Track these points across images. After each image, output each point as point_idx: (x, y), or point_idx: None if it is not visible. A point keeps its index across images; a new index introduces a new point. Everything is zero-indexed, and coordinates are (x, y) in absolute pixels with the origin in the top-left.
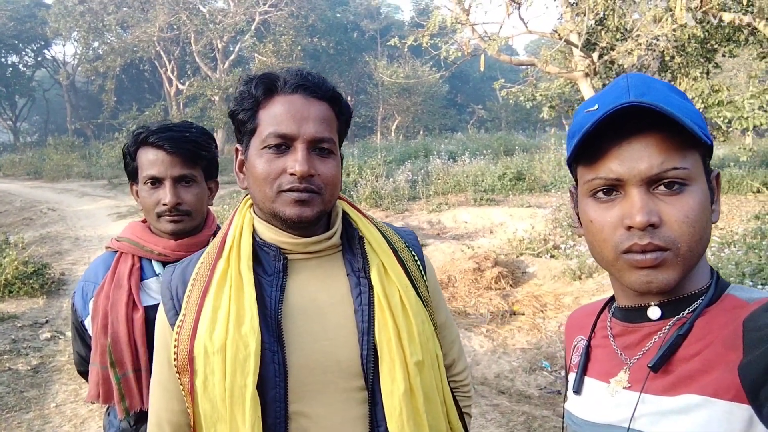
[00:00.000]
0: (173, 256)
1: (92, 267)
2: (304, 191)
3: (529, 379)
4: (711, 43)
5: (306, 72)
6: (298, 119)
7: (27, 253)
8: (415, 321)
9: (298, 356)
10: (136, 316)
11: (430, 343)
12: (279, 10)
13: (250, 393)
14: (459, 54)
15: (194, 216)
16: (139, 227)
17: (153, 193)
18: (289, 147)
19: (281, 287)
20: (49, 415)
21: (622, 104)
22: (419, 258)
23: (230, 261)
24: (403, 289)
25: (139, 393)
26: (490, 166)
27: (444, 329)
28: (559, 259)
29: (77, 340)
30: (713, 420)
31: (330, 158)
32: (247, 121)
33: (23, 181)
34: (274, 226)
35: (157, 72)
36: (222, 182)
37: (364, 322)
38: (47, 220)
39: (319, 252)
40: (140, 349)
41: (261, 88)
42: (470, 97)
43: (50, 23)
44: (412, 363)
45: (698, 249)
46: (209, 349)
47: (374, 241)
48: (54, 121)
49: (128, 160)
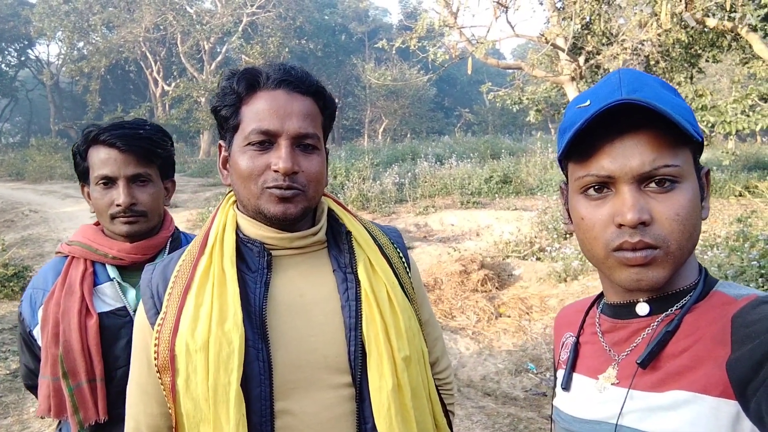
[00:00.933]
0: (129, 260)
1: (41, 273)
2: (288, 188)
3: (514, 381)
4: (695, 49)
5: (289, 66)
6: (281, 115)
7: (7, 255)
8: (402, 317)
9: (283, 353)
10: (90, 323)
11: (416, 339)
12: (267, 12)
13: (234, 391)
14: (446, 57)
15: (150, 217)
16: (91, 230)
17: (106, 193)
18: (272, 143)
19: (265, 283)
20: (27, 420)
21: (614, 101)
22: (404, 255)
23: (213, 257)
24: (390, 285)
25: (94, 404)
26: (476, 169)
27: (428, 326)
28: (544, 262)
29: (25, 352)
30: (701, 416)
31: (314, 154)
32: (229, 117)
33: (5, 182)
34: (258, 222)
35: (142, 73)
36: (208, 184)
37: (352, 317)
38: (29, 222)
39: (305, 248)
40: (95, 358)
41: (243, 83)
42: (458, 101)
43: (34, 22)
44: (400, 358)
45: (688, 246)
46: (191, 347)
47: (361, 238)
48: (37, 122)
49: (78, 160)
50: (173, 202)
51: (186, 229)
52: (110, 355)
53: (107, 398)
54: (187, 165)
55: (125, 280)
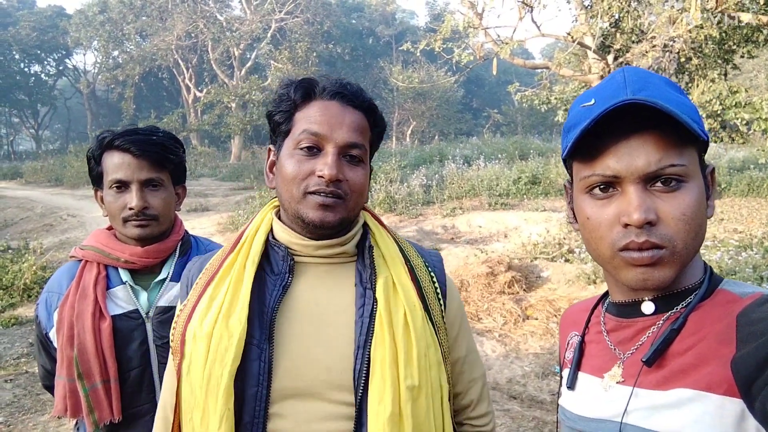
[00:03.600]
0: (140, 263)
1: (55, 277)
2: (330, 195)
3: (541, 384)
4: (729, 44)
5: (345, 81)
6: (332, 124)
7: (45, 259)
8: (417, 343)
9: (286, 358)
10: (104, 326)
11: (433, 371)
12: (295, 17)
13: (224, 384)
14: (471, 58)
15: (161, 221)
16: (104, 234)
17: (119, 197)
18: (320, 150)
19: (284, 287)
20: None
21: (620, 101)
22: (440, 282)
23: (239, 255)
24: (410, 308)
25: (108, 404)
26: (505, 170)
27: (463, 365)
28: (573, 263)
29: (42, 354)
30: (706, 414)
31: (359, 166)
32: (282, 123)
33: (45, 187)
34: (289, 228)
35: (175, 80)
36: (239, 188)
37: (362, 335)
38: (67, 226)
39: (331, 257)
40: (108, 360)
41: (300, 91)
42: (486, 102)
43: (71, 33)
44: (405, 387)
45: (694, 246)
46: (197, 334)
47: (388, 254)
48: (75, 129)
49: (93, 164)
50: (204, 204)
51: (216, 232)
52: (123, 357)
53: (121, 399)
54: (219, 169)
55: (137, 283)
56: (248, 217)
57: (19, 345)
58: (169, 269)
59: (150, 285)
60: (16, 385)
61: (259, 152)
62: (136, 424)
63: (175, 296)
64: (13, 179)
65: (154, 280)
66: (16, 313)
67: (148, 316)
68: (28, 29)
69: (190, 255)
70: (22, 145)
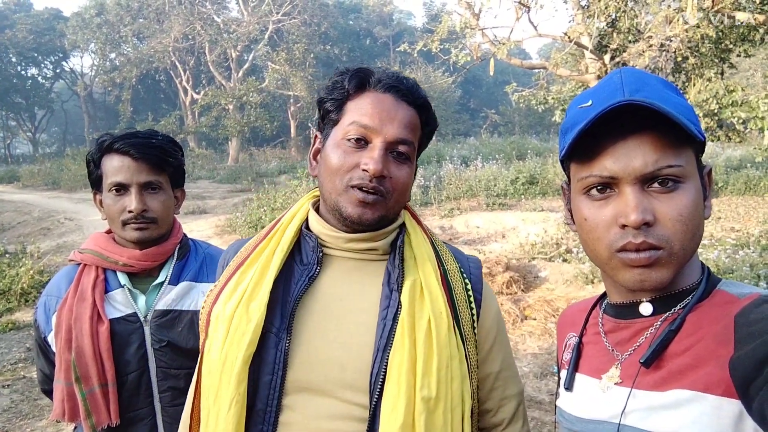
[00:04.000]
0: (139, 266)
1: (54, 280)
2: (372, 191)
3: (540, 384)
4: (725, 43)
5: (402, 75)
6: (383, 118)
7: (42, 263)
8: (439, 353)
9: (302, 350)
10: (101, 329)
11: (455, 384)
12: (292, 19)
13: (238, 367)
14: (469, 58)
15: (160, 224)
16: (102, 238)
17: (118, 200)
18: (368, 143)
19: (310, 278)
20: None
21: (617, 102)
22: (475, 289)
23: (270, 242)
24: (435, 314)
25: (106, 408)
26: (502, 170)
27: (496, 381)
28: (571, 263)
29: (41, 357)
30: (703, 415)
31: (405, 164)
32: (332, 111)
33: (42, 191)
34: (324, 219)
35: (172, 82)
36: (236, 190)
37: (383, 338)
38: (64, 230)
39: (362, 253)
40: (106, 364)
41: (354, 81)
42: (483, 102)
43: (68, 35)
44: (420, 397)
45: (691, 246)
46: (220, 316)
47: (419, 256)
48: (72, 132)
49: (92, 167)
50: (202, 207)
51: (214, 235)
52: (121, 360)
53: (119, 402)
54: (216, 171)
55: (135, 286)
56: (245, 219)
57: (17, 350)
58: (167, 272)
59: (148, 288)
60: (13, 390)
61: (257, 154)
62: (135, 428)
63: (173, 299)
64: (10, 183)
65: (153, 284)
66: (13, 318)
67: (146, 320)
68: (25, 32)
69: (188, 258)
70: (19, 148)
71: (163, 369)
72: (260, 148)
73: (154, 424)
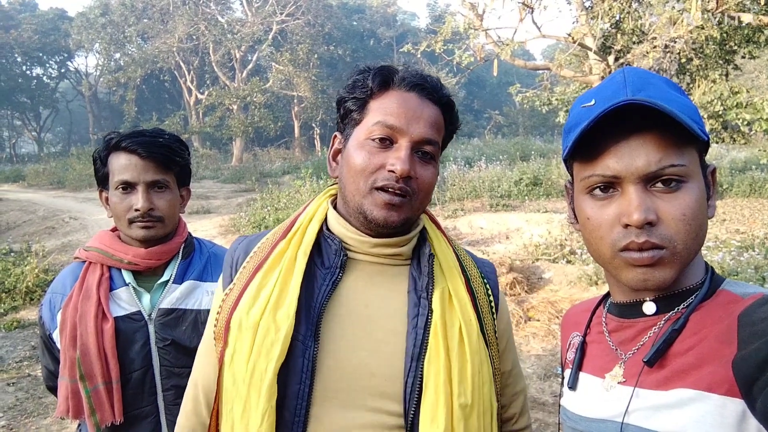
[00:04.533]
0: (144, 265)
1: (59, 278)
2: (398, 192)
3: (543, 386)
4: (730, 45)
5: (426, 73)
6: (409, 117)
7: (47, 261)
8: (472, 359)
9: (330, 357)
10: (106, 327)
11: (485, 388)
12: (296, 19)
13: (268, 380)
14: (472, 59)
15: (166, 223)
16: (108, 236)
17: (125, 198)
18: (393, 143)
19: (334, 283)
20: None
21: (620, 102)
22: (494, 294)
23: (290, 244)
24: (465, 321)
25: (110, 406)
26: (506, 171)
27: (508, 378)
28: (575, 265)
29: (45, 355)
30: (706, 414)
31: (431, 164)
32: (354, 110)
33: (47, 190)
34: (345, 220)
35: (176, 82)
36: (240, 190)
37: (417, 346)
38: (69, 229)
39: (385, 257)
40: (111, 361)
41: (378, 79)
42: (487, 103)
43: (73, 35)
44: (458, 405)
45: (694, 246)
46: (243, 324)
47: (445, 264)
48: (77, 132)
49: (99, 165)
50: (206, 207)
51: (218, 234)
52: (126, 359)
53: (123, 400)
54: (220, 171)
55: (140, 285)
56: (249, 219)
57: (22, 348)
58: (172, 271)
59: (153, 287)
60: (18, 388)
61: (261, 155)
62: (138, 426)
63: (178, 298)
64: (15, 182)
65: (157, 282)
66: (18, 316)
67: (151, 318)
68: (30, 32)
69: (193, 257)
70: (24, 147)
71: (167, 367)
72: (264, 149)
73: (157, 422)
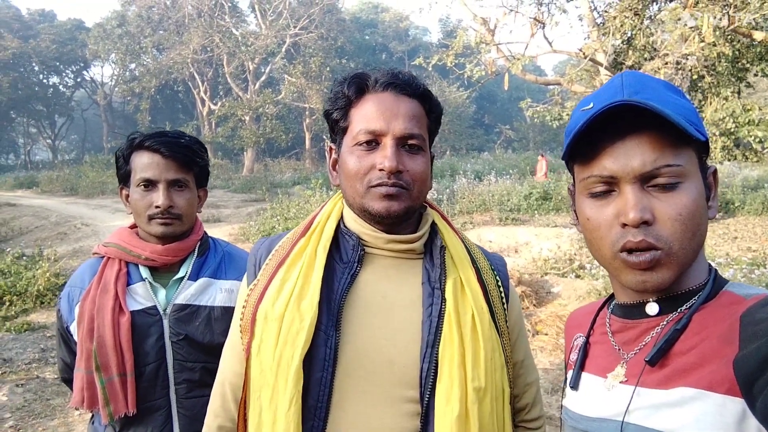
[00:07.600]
0: (160, 261)
1: (78, 272)
2: (393, 186)
3: (550, 400)
4: (742, 62)
5: (397, 71)
6: (387, 116)
7: (58, 266)
8: (484, 345)
9: (351, 346)
10: (123, 321)
11: (498, 374)
12: (309, 33)
13: (295, 366)
14: (483, 73)
15: (184, 221)
16: (126, 232)
17: (146, 195)
18: (378, 143)
19: (352, 276)
20: (72, 422)
21: (614, 102)
22: (504, 286)
23: (310, 240)
24: (477, 310)
25: (124, 397)
26: (516, 185)
27: (521, 368)
28: (584, 279)
29: (62, 347)
30: (707, 413)
31: (419, 155)
32: (339, 120)
33: (60, 197)
34: (361, 219)
35: (190, 93)
36: (250, 200)
37: (431, 334)
38: (80, 235)
39: (399, 252)
40: (126, 354)
41: (353, 87)
42: (497, 117)
43: (90, 45)
44: (472, 388)
45: (692, 246)
46: (269, 316)
47: (456, 255)
48: (91, 140)
49: (121, 163)
50: (216, 215)
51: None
52: (140, 352)
53: (136, 392)
54: (231, 181)
55: (156, 280)
56: (259, 228)
57: (31, 350)
58: (187, 268)
59: (169, 283)
60: (27, 389)
61: (272, 165)
62: (150, 418)
63: (192, 294)
64: (30, 188)
65: (173, 278)
66: (29, 319)
67: (166, 313)
68: (48, 41)
69: (208, 255)
70: (38, 154)
71: (180, 361)
72: (275, 159)
73: (169, 414)
